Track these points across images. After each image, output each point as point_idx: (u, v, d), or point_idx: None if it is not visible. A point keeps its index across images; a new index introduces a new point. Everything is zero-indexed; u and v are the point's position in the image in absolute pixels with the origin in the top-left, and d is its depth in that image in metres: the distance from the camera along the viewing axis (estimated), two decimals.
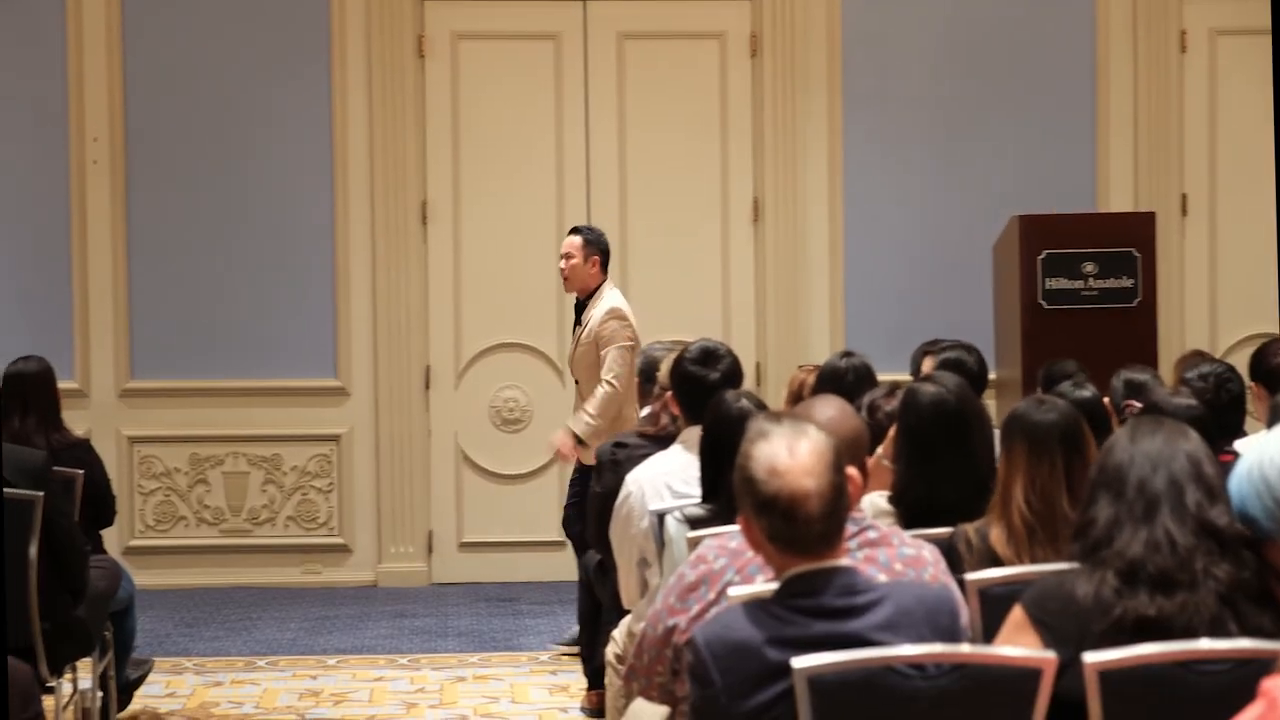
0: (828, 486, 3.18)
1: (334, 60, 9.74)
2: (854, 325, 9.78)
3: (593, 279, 8.11)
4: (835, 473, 3.20)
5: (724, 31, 9.88)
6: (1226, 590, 3.26)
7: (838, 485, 3.20)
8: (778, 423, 3.28)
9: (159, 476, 9.75)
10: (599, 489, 6.15)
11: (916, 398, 4.57)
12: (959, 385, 4.63)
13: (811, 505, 3.17)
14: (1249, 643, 3.19)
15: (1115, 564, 3.30)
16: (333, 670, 7.82)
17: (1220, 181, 10.02)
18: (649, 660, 3.83)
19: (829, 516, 3.19)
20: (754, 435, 3.25)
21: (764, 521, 3.20)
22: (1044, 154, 9.87)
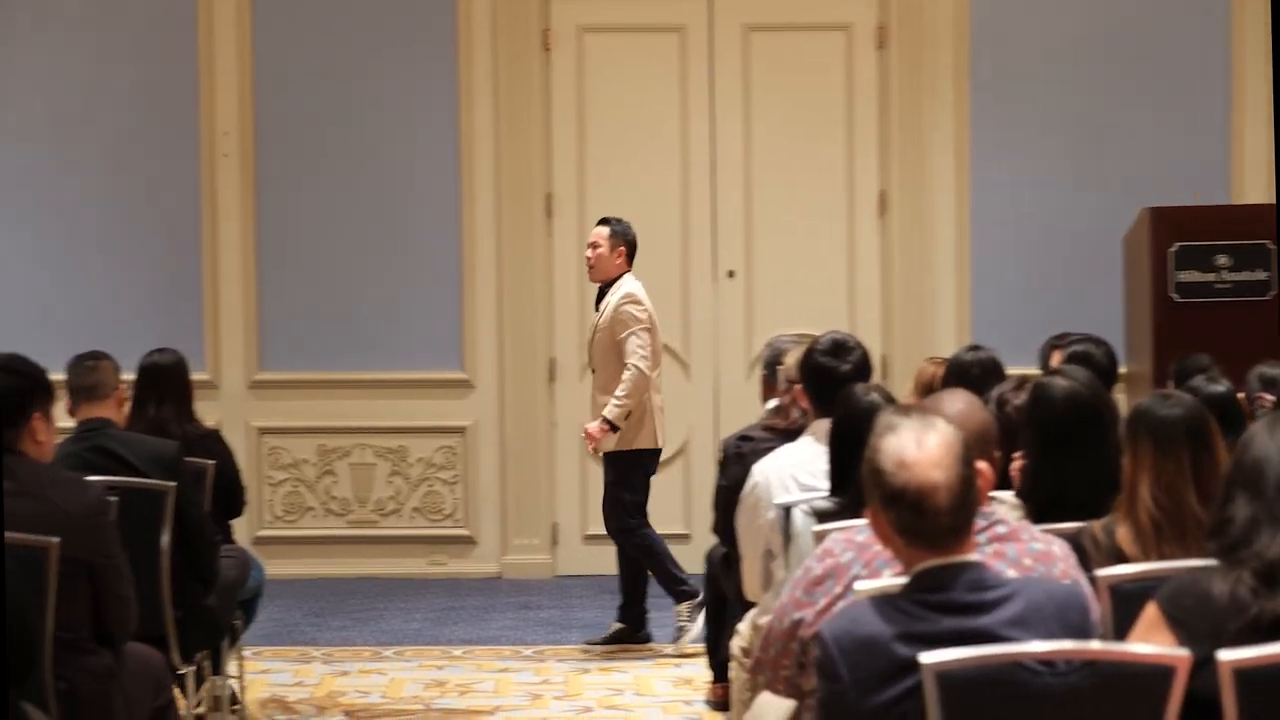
0: (956, 479, 3.16)
1: (460, 54, 9.79)
2: (980, 318, 9.70)
3: (616, 269, 8.16)
4: (964, 465, 3.18)
5: (850, 23, 9.83)
6: None
7: (966, 478, 3.18)
8: (906, 416, 3.27)
9: (287, 467, 9.85)
10: (724, 482, 6.15)
11: (1048, 391, 4.50)
12: (1090, 379, 4.57)
13: (940, 498, 3.15)
14: None
15: (1253, 564, 3.25)
16: (458, 661, 7.87)
17: None
18: (775, 654, 3.82)
19: (958, 509, 3.16)
20: (882, 428, 3.24)
21: (892, 514, 3.19)
22: (1176, 144, 9.72)
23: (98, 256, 9.81)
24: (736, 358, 9.85)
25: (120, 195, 9.81)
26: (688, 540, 9.60)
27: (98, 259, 9.81)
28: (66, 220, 9.81)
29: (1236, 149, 9.77)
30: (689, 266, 9.85)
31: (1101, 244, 9.26)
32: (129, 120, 9.80)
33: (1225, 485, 3.39)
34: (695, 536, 9.43)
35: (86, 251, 9.81)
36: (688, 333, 9.86)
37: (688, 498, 9.77)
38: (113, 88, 9.79)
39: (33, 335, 8.79)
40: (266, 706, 7.05)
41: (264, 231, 9.83)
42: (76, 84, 9.79)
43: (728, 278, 9.86)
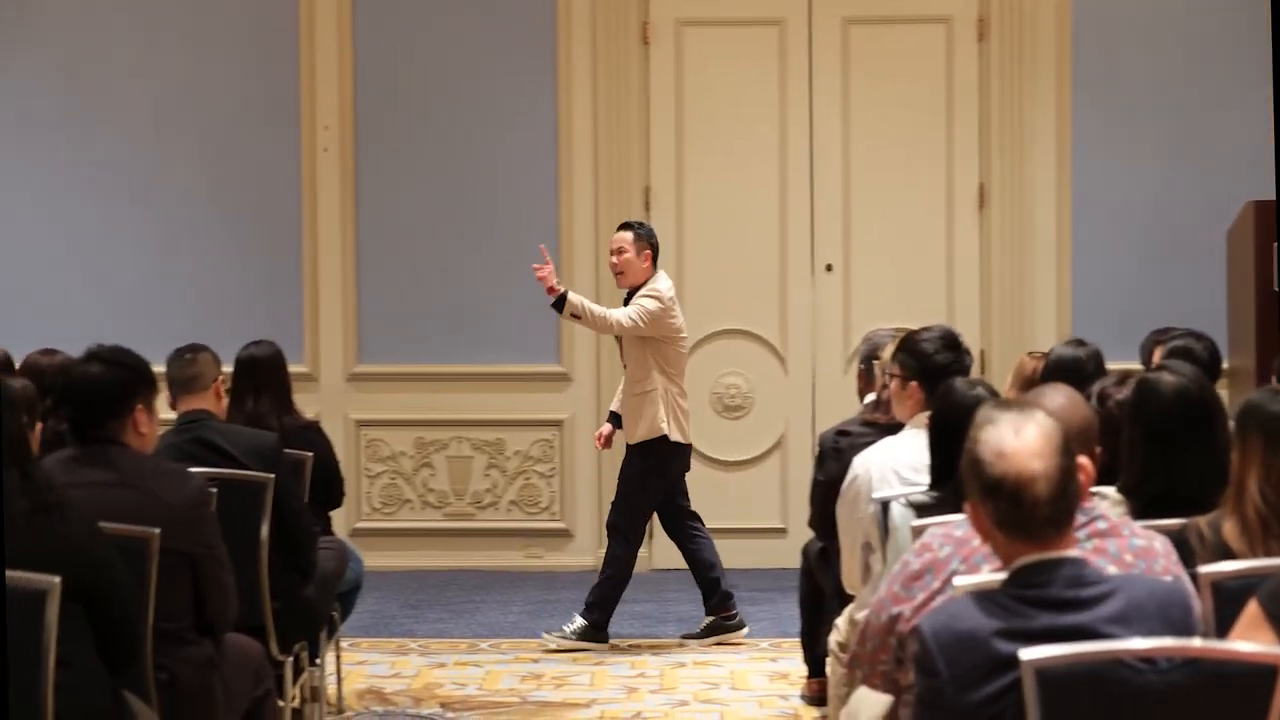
0: (1055, 470, 3.13)
1: (560, 47, 9.81)
2: (1081, 313, 9.61)
3: (644, 273, 8.11)
4: (1063, 456, 3.15)
5: (950, 15, 9.77)
6: None
7: (1066, 469, 3.15)
8: (1006, 408, 3.24)
9: (385, 460, 9.91)
10: (821, 477, 6.13)
11: (1156, 386, 4.43)
12: (1198, 374, 4.52)
13: (1038, 488, 3.13)
14: None
15: None
16: (554, 654, 7.88)
17: None
18: (872, 648, 3.81)
19: (1056, 500, 3.14)
20: (982, 420, 3.22)
21: (990, 506, 3.17)
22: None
23: (199, 250, 9.91)
24: (834, 352, 9.81)
25: (222, 189, 9.90)
26: (784, 535, 9.59)
27: (199, 252, 9.90)
28: (169, 214, 9.91)
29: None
30: (787, 260, 9.82)
31: (1204, 238, 9.16)
32: (230, 115, 9.89)
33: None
34: (791, 531, 9.41)
35: (188, 245, 9.91)
36: (785, 327, 9.84)
37: (784, 492, 9.75)
38: (214, 82, 9.89)
39: (135, 328, 8.90)
40: (363, 698, 7.09)
41: (363, 225, 9.89)
42: (178, 79, 9.88)
43: (825, 272, 9.82)
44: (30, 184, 9.92)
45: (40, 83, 9.91)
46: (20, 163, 9.93)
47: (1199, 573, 3.73)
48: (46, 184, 9.92)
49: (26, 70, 9.92)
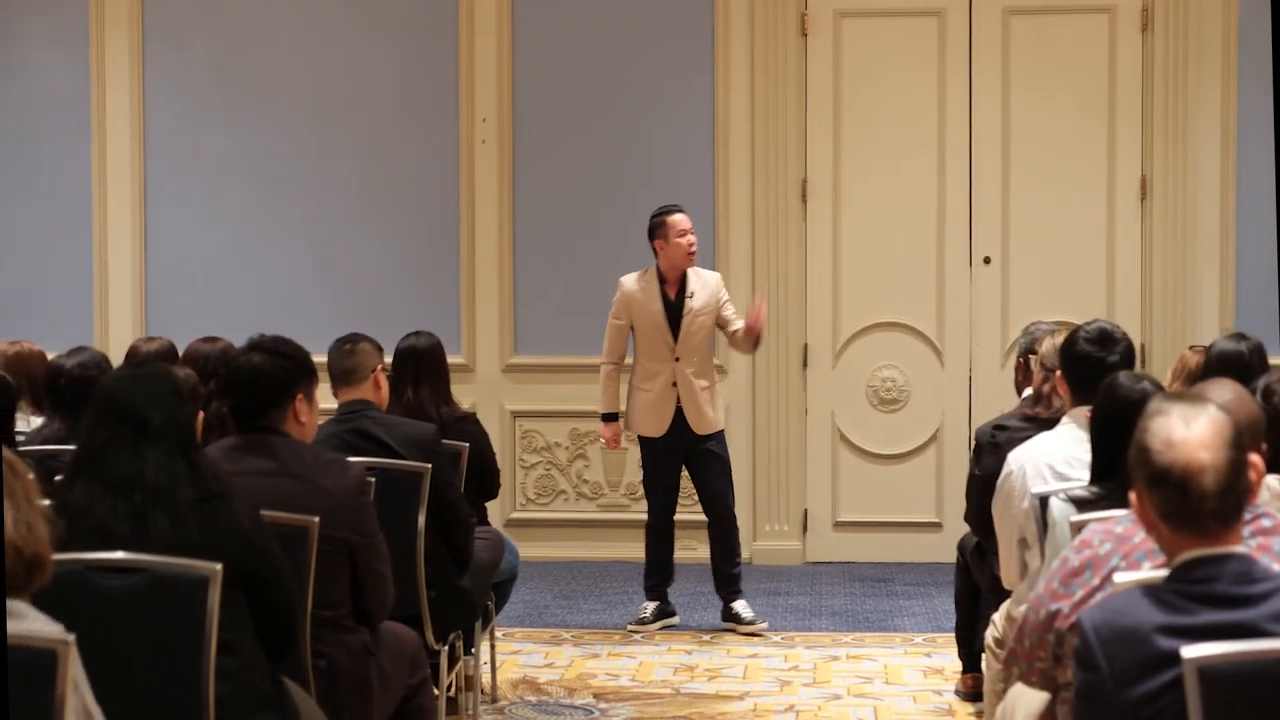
0: (1224, 462, 3.08)
1: (717, 38, 9.80)
2: (1244, 307, 9.45)
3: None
4: (1234, 449, 3.09)
5: (1114, 5, 9.63)
6: None
7: (1236, 462, 3.09)
8: (1177, 400, 3.20)
9: (539, 451, 9.96)
10: (978, 471, 6.08)
11: None
12: None
13: (1206, 480, 3.07)
14: None
15: None
16: (707, 646, 7.89)
17: None
18: (1030, 645, 3.76)
19: (1225, 494, 3.08)
20: (1152, 411, 3.18)
21: (1157, 496, 3.12)
22: None
23: (359, 241, 10.02)
24: (992, 345, 9.72)
25: (381, 181, 10.01)
26: (939, 529, 9.52)
27: (359, 244, 10.02)
28: (329, 205, 10.03)
29: None
30: (944, 252, 9.74)
31: None
32: (390, 106, 9.99)
33: None
34: (947, 526, 9.34)
35: (348, 236, 10.02)
36: (942, 319, 9.76)
37: (940, 486, 9.68)
38: (374, 74, 9.99)
39: (297, 318, 9.04)
40: (518, 687, 7.14)
41: (520, 217, 9.95)
42: (338, 70, 10.00)
43: (984, 264, 9.73)
44: (193, 176, 10.09)
45: (201, 74, 10.07)
46: (183, 155, 10.09)
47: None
48: (208, 176, 10.08)
49: (187, 63, 10.08)
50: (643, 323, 8.19)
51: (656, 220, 8.25)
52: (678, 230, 8.18)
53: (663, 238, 8.19)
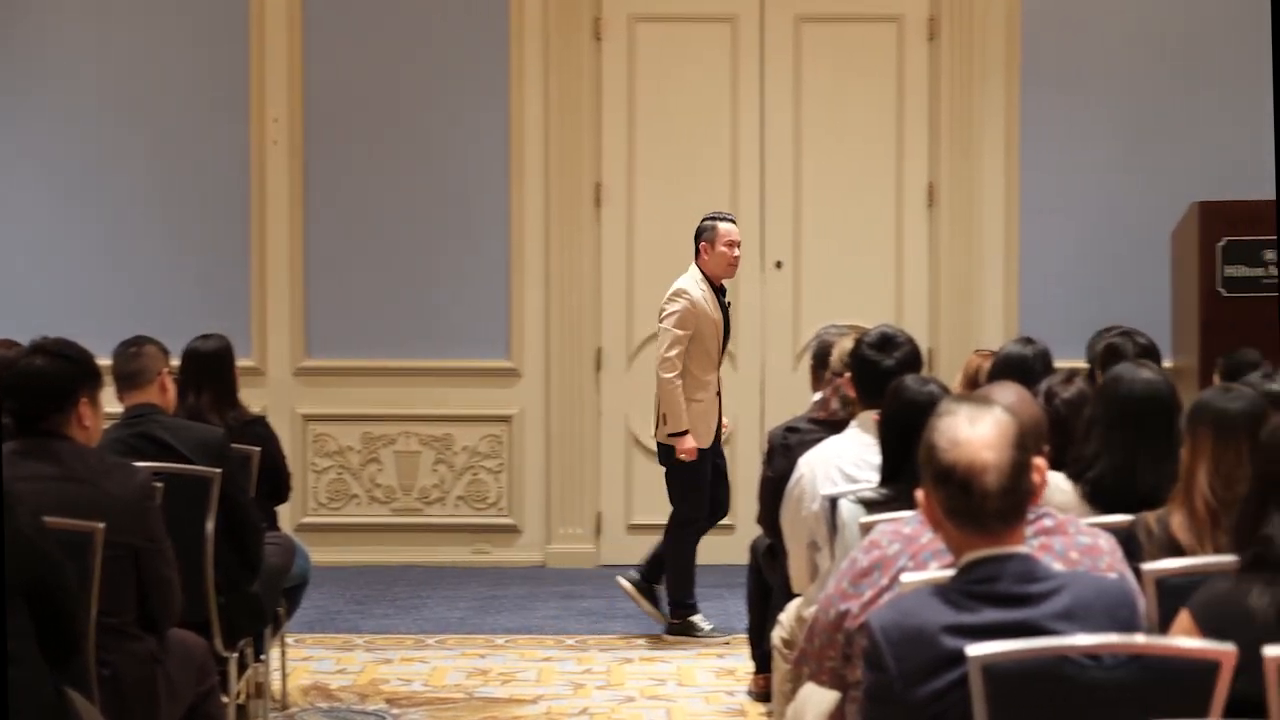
0: (1007, 462, 3.14)
1: (511, 40, 9.79)
2: (1028, 311, 9.65)
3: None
4: (1017, 450, 3.16)
5: (901, 14, 9.79)
6: None
7: (1018, 463, 3.15)
8: (965, 401, 3.26)
9: (332, 455, 9.87)
10: (770, 473, 6.13)
11: (1131, 378, 4.53)
12: (1166, 376, 4.64)
13: (989, 478, 3.13)
14: None
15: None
16: (501, 650, 7.87)
17: None
18: (820, 645, 3.81)
19: (1007, 493, 3.14)
20: (941, 411, 3.24)
21: (942, 494, 3.17)
22: (1226, 139, 9.66)
23: (147, 242, 9.84)
24: (783, 349, 9.82)
25: (171, 180, 9.84)
26: (731, 531, 9.58)
27: (147, 245, 9.84)
28: (117, 206, 9.84)
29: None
30: None
31: (1150, 238, 9.20)
32: (180, 105, 9.83)
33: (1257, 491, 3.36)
34: (739, 528, 9.41)
35: (136, 237, 9.84)
36: (735, 323, 9.82)
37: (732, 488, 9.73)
38: (164, 72, 9.82)
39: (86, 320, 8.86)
40: (308, 694, 7.07)
41: (312, 218, 9.85)
42: (128, 68, 9.82)
43: (775, 268, 9.83)
44: None
45: None
46: None
47: (1143, 569, 3.75)
48: None
49: None
50: (706, 331, 8.13)
51: (708, 223, 8.25)
52: (725, 240, 8.19)
53: (709, 241, 8.18)
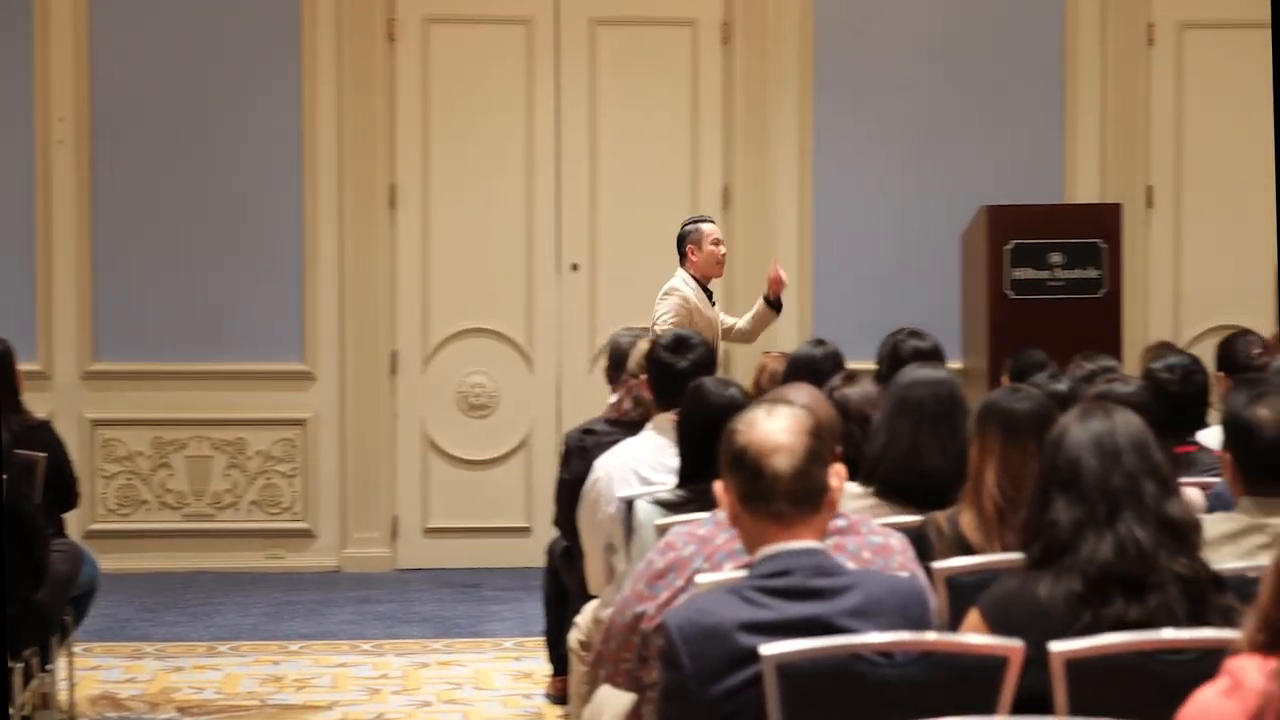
0: (800, 447, 3.18)
1: (304, 42, 9.69)
2: (822, 313, 9.77)
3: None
4: (811, 438, 3.20)
5: (696, 18, 9.85)
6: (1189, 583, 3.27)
7: (811, 450, 3.19)
8: (768, 399, 3.31)
9: (121, 460, 9.69)
10: (566, 476, 6.14)
11: (916, 378, 4.62)
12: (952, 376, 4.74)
13: (780, 459, 3.17)
14: (1214, 632, 3.19)
15: (1085, 569, 3.29)
16: (295, 656, 7.79)
17: (1186, 174, 10.04)
18: (616, 647, 3.82)
19: (798, 476, 3.18)
20: (746, 409, 3.30)
21: (736, 478, 3.21)
22: (1013, 145, 9.87)
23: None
24: (579, 351, 9.84)
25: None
26: (529, 534, 9.59)
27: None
28: None
29: (1070, 150, 9.95)
30: (533, 259, 9.82)
31: (941, 241, 9.36)
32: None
33: (1040, 487, 3.43)
34: (536, 530, 9.41)
35: None
36: (531, 326, 9.84)
37: (529, 491, 9.75)
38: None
39: None
40: (97, 704, 6.94)
41: (100, 219, 9.66)
42: None
43: (571, 270, 9.85)
44: None
45: None
46: None
47: (934, 568, 3.81)
48: None
49: None
50: (700, 329, 8.02)
51: (690, 227, 8.24)
52: (711, 239, 8.19)
53: (695, 244, 8.17)
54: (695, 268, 8.22)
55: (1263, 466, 3.88)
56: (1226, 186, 9.99)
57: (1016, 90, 9.92)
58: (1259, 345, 6.37)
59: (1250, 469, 3.93)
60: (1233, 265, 9.95)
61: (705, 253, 8.21)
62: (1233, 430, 3.98)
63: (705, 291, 8.23)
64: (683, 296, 8.11)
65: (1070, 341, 6.99)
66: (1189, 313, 10.01)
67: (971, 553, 4.00)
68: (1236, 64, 9.99)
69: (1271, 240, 9.92)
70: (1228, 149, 9.99)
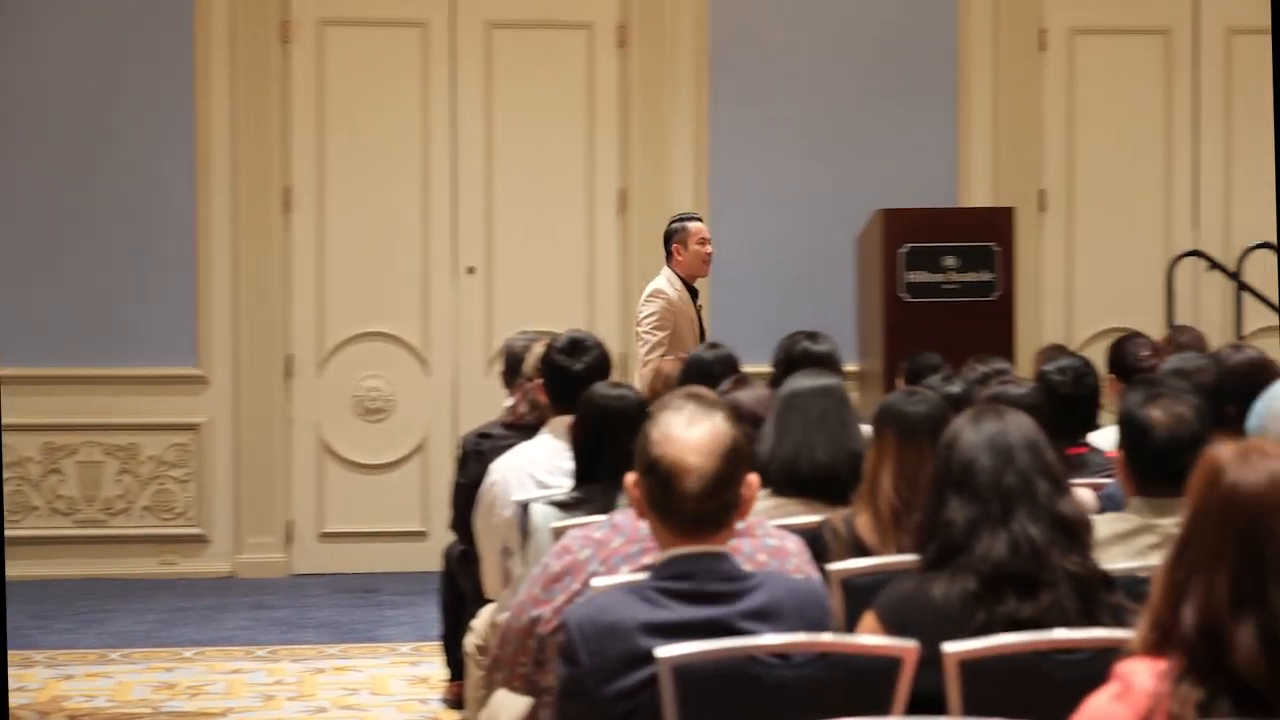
0: (711, 470, 3.17)
1: (197, 44, 9.61)
2: (719, 317, 9.77)
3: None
4: (725, 462, 3.18)
5: (592, 22, 9.86)
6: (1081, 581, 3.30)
7: (723, 475, 3.18)
8: (693, 400, 3.29)
9: (11, 465, 9.56)
10: (462, 479, 6.13)
11: (800, 378, 4.66)
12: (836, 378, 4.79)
13: (689, 481, 3.16)
14: (1106, 632, 3.22)
15: (978, 568, 3.31)
16: (189, 663, 7.72)
17: (1077, 178, 10.15)
18: (512, 651, 3.81)
19: (706, 498, 3.17)
20: (670, 404, 3.27)
21: (646, 484, 3.21)
22: (907, 149, 9.94)
23: None
24: (476, 354, 9.82)
25: None
26: (425, 538, 9.55)
27: None
28: None
29: (963, 154, 10.03)
30: (429, 262, 9.79)
31: (837, 244, 9.42)
32: None
33: (935, 488, 3.45)
34: (433, 534, 9.38)
35: None
36: (427, 329, 9.81)
37: (425, 495, 9.71)
38: None
39: None
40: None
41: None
42: None
43: (468, 274, 9.82)
44: None
45: None
46: None
47: (829, 569, 3.83)
48: None
49: None
50: (683, 330, 8.04)
51: (677, 225, 8.31)
52: (697, 238, 8.24)
53: (681, 242, 8.22)
54: (681, 266, 8.28)
55: (1154, 467, 3.92)
56: (1117, 190, 10.11)
57: (911, 94, 9.99)
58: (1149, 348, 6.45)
59: (1142, 469, 3.97)
60: (1124, 268, 10.07)
61: (691, 251, 8.27)
62: (1127, 429, 4.02)
63: (690, 290, 8.27)
64: (666, 300, 8.18)
65: (964, 344, 7.05)
66: (1080, 315, 10.12)
67: (867, 554, 4.03)
68: (1127, 69, 10.12)
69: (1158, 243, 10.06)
70: (1118, 153, 10.11)
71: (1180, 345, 6.76)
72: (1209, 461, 2.51)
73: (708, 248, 8.33)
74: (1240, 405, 4.99)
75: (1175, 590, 2.49)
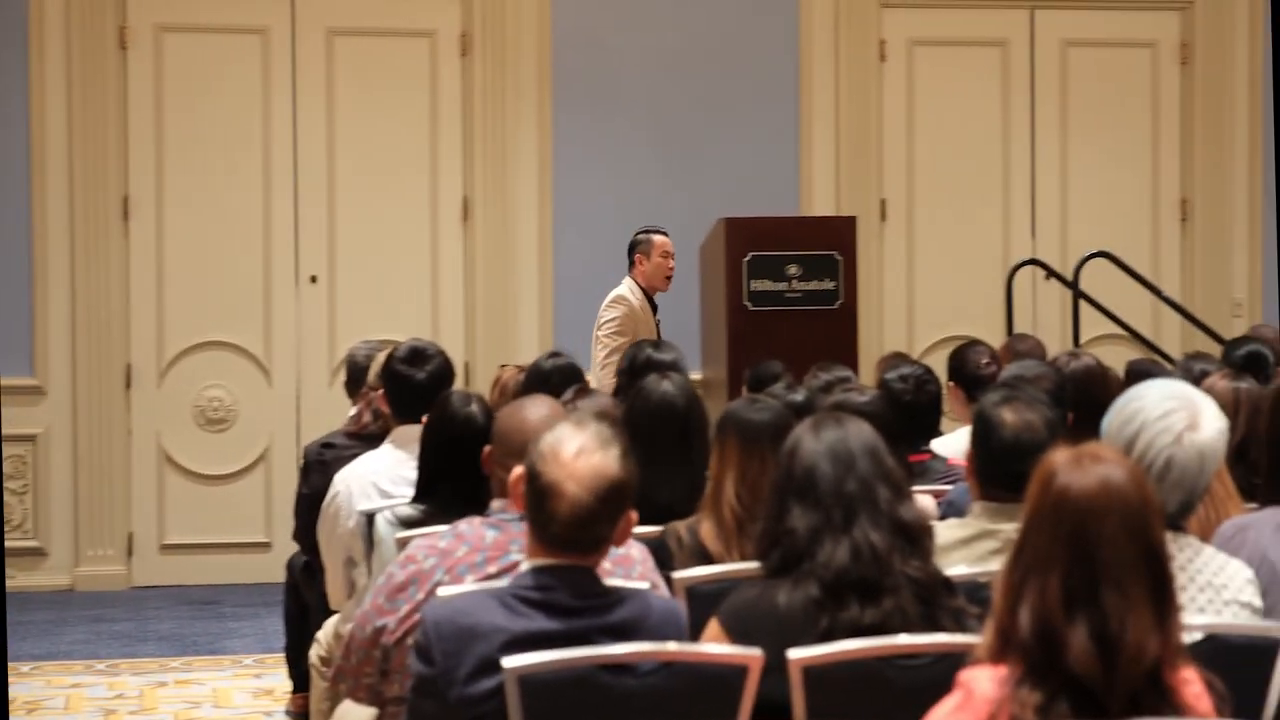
0: (586, 505, 3.19)
1: (32, 50, 9.46)
2: (563, 324, 9.79)
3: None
4: (600, 502, 3.19)
5: (435, 30, 9.83)
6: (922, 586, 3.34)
7: (595, 512, 3.20)
8: (599, 420, 3.30)
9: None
10: (305, 490, 6.08)
11: (646, 393, 4.66)
12: (686, 385, 4.74)
13: (561, 507, 3.18)
14: (947, 637, 3.27)
15: (821, 575, 3.33)
16: (26, 678, 7.59)
17: (917, 188, 10.28)
18: (357, 661, 3.79)
19: (577, 527, 3.19)
20: (578, 414, 3.28)
21: (526, 489, 3.23)
22: (751, 158, 10.02)
23: None
24: (319, 364, 9.75)
25: None
26: (269, 549, 9.47)
27: None
28: None
29: (805, 163, 10.12)
30: (271, 271, 9.71)
31: (682, 252, 9.45)
32: None
33: (777, 495, 3.47)
34: (276, 545, 9.30)
35: None
36: (269, 338, 9.72)
37: (268, 506, 9.63)
38: None
39: None
40: None
41: None
42: None
43: (310, 283, 9.75)
44: None
45: None
46: None
47: (674, 577, 3.85)
48: None
49: None
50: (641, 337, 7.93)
51: (642, 237, 8.39)
52: (661, 251, 8.34)
53: (645, 254, 8.32)
54: (642, 277, 8.36)
55: (998, 470, 3.95)
56: (957, 199, 10.25)
57: (753, 104, 10.07)
58: (988, 355, 6.54)
59: (987, 471, 4.00)
60: (963, 277, 10.21)
61: (653, 263, 8.36)
62: (977, 425, 4.04)
63: (650, 302, 8.30)
64: (628, 306, 8.29)
65: (807, 352, 7.11)
66: (921, 323, 10.25)
67: (711, 562, 4.05)
68: (964, 80, 10.28)
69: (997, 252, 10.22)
70: (958, 163, 10.26)
71: (1019, 353, 6.88)
72: (1043, 466, 2.56)
73: (671, 262, 8.47)
74: (1078, 412, 5.07)
75: (1013, 594, 2.53)
